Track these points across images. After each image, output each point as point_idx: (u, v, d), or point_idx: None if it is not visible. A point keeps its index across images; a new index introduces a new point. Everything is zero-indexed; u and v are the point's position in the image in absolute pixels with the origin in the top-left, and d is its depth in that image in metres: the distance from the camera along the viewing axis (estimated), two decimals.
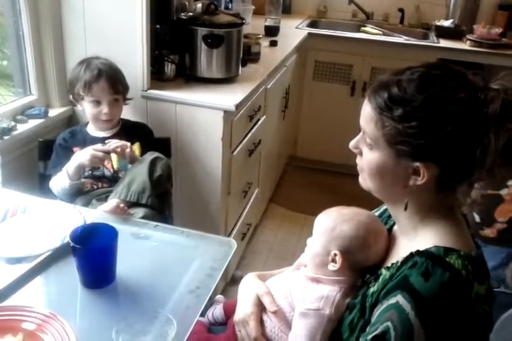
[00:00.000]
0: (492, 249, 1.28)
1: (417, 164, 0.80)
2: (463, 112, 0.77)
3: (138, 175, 1.45)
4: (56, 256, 1.09)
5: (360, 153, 0.88)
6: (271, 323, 0.98)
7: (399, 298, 0.76)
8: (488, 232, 1.84)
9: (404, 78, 0.80)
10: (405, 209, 0.85)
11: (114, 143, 1.49)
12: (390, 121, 0.79)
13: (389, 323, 0.75)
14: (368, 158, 0.85)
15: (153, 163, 1.48)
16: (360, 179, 0.90)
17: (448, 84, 0.78)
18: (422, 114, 0.77)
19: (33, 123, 1.70)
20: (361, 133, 0.87)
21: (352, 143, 0.89)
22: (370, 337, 0.77)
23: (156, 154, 1.53)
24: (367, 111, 0.83)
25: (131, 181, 1.45)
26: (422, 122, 0.77)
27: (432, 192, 0.83)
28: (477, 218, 1.80)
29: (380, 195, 0.89)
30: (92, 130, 1.63)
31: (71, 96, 1.63)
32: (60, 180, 1.52)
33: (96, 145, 1.50)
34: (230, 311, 1.11)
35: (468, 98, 0.77)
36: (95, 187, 1.57)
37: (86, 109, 1.59)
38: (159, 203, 1.47)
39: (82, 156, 1.47)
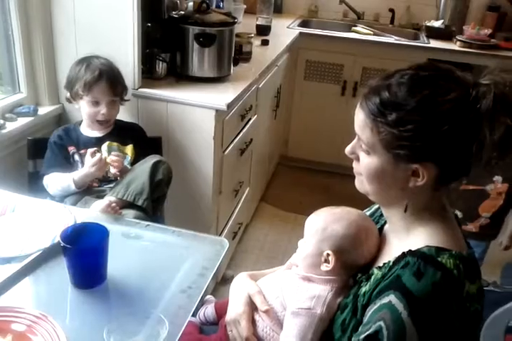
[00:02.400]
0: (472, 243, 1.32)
1: (416, 166, 0.80)
2: (457, 111, 0.77)
3: (138, 176, 1.45)
4: (46, 256, 1.08)
5: (357, 159, 0.87)
6: (263, 323, 0.98)
7: (391, 298, 0.76)
8: (471, 227, 1.87)
9: (394, 82, 0.80)
10: (405, 210, 0.85)
11: (113, 157, 1.48)
12: (385, 127, 0.79)
13: (381, 323, 0.75)
14: (366, 163, 0.85)
15: (155, 166, 1.47)
16: (357, 182, 0.90)
17: (438, 85, 0.78)
18: (417, 117, 0.77)
19: (22, 121, 1.68)
20: (356, 138, 0.86)
21: (348, 149, 0.89)
22: (362, 336, 0.77)
23: (159, 157, 1.53)
24: (361, 118, 0.83)
25: (130, 181, 1.45)
26: (417, 125, 0.77)
27: (429, 191, 0.83)
28: (459, 214, 1.81)
29: (376, 197, 0.89)
30: (86, 129, 1.62)
31: (68, 94, 1.61)
32: (65, 181, 1.50)
33: (91, 149, 1.49)
34: (221, 311, 1.11)
35: (460, 96, 0.77)
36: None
37: (83, 108, 1.58)
38: (153, 207, 1.47)
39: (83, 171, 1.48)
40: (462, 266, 0.77)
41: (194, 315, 1.18)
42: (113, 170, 1.49)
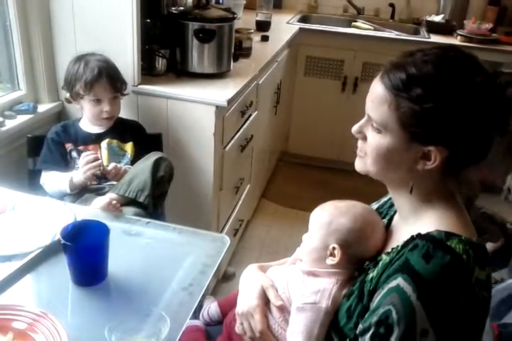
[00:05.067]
0: None
1: (430, 148, 0.79)
2: (482, 95, 0.76)
3: (140, 173, 1.44)
4: (47, 254, 1.07)
5: (364, 138, 0.85)
6: (271, 318, 0.97)
7: (399, 281, 0.75)
8: None
9: (419, 59, 0.79)
10: (411, 192, 0.84)
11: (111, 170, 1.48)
12: (406, 102, 0.77)
13: (391, 307, 0.74)
14: (375, 141, 0.82)
15: (157, 163, 1.47)
16: (358, 163, 0.88)
17: (465, 67, 0.78)
18: (442, 95, 0.76)
19: (21, 118, 1.67)
20: (366, 117, 0.85)
21: (355, 128, 0.86)
22: (373, 321, 0.76)
23: (161, 154, 1.52)
24: (379, 93, 0.80)
25: (132, 178, 1.44)
26: (440, 103, 0.76)
27: (436, 175, 0.82)
28: None
29: (380, 177, 0.87)
30: (85, 126, 1.61)
31: (68, 95, 1.59)
32: (60, 184, 1.50)
33: (87, 153, 1.48)
34: (226, 308, 1.10)
35: (486, 82, 0.77)
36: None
37: (86, 107, 1.56)
38: (154, 204, 1.47)
39: (79, 176, 1.47)
40: (472, 252, 0.76)
41: (196, 315, 1.17)
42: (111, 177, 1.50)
